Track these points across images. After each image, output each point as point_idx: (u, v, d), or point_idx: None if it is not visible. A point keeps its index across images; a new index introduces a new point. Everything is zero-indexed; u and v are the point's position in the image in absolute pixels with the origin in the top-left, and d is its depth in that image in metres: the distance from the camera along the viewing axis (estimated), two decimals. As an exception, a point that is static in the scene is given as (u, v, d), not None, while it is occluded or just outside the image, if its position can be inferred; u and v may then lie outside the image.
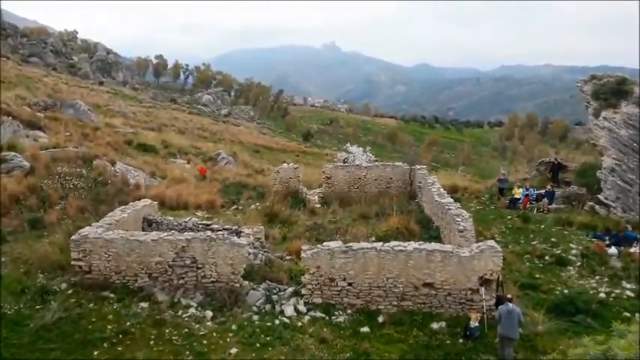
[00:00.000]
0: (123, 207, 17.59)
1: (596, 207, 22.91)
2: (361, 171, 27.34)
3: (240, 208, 24.37)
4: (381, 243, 14.02)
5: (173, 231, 15.49)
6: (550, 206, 23.54)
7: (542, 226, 20.67)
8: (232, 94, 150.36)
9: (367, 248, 13.45)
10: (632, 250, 17.62)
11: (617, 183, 22.86)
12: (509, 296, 12.14)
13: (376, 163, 32.01)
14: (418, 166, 26.86)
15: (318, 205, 25.16)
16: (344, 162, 35.55)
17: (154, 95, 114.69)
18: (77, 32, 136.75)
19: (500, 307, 11.83)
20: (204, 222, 18.17)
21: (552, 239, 18.98)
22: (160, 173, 30.26)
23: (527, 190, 24.59)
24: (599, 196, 23.11)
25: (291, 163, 29.56)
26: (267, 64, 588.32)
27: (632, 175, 22.98)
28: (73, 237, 14.25)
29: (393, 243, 13.87)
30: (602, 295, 14.69)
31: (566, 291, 14.86)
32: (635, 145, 23.86)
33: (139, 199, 19.31)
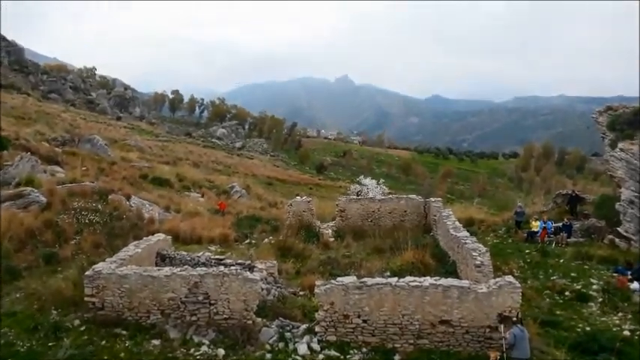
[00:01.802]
0: (137, 242, 17.62)
1: (617, 240, 22.36)
2: (375, 204, 27.17)
3: (253, 242, 24.30)
4: (396, 278, 13.74)
5: (186, 266, 15.41)
6: (569, 239, 23.05)
7: (562, 261, 20.18)
8: (246, 127, 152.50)
9: (382, 284, 13.20)
10: (656, 285, 17.04)
11: (636, 215, 22.34)
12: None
13: (390, 195, 31.87)
14: (433, 199, 26.62)
15: (332, 239, 24.97)
16: (357, 194, 35.47)
17: (170, 129, 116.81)
18: (96, 69, 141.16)
19: (513, 330, 11.57)
20: (217, 257, 18.09)
21: (572, 274, 18.48)
22: (174, 207, 30.47)
23: (544, 223, 24.15)
24: (618, 229, 22.58)
25: (305, 196, 29.56)
26: (281, 96, 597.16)
27: (652, 208, 22.50)
28: (86, 273, 14.26)
29: (408, 278, 13.59)
30: (626, 332, 14.13)
31: (588, 328, 14.35)
32: (653, 176, 23.46)
33: (153, 234, 19.35)
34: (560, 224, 24.15)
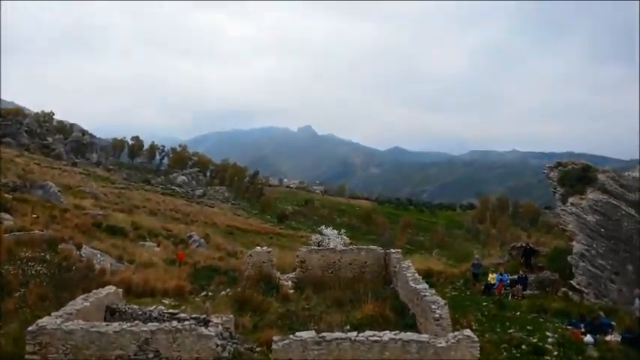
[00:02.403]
0: (86, 295, 16.77)
1: (570, 293, 22.93)
2: (336, 254, 27.01)
3: (209, 294, 23.53)
4: (355, 332, 13.55)
5: (137, 321, 14.70)
6: (524, 292, 23.46)
7: (518, 313, 20.43)
8: (208, 174, 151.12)
9: (341, 339, 12.96)
10: (608, 338, 17.42)
11: (587, 268, 23.10)
12: None
13: (351, 246, 31.84)
14: (393, 250, 26.74)
15: (292, 291, 24.49)
16: (318, 245, 35.28)
17: (128, 176, 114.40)
18: (54, 113, 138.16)
19: None
20: (170, 311, 17.36)
21: (528, 327, 18.68)
22: (127, 257, 29.36)
23: (501, 275, 24.56)
24: (571, 281, 23.22)
25: (265, 246, 29.15)
26: (245, 145, 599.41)
27: (601, 261, 23.33)
28: (29, 328, 13.38)
29: (367, 333, 13.42)
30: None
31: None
32: (602, 230, 24.48)
33: (104, 286, 18.49)
34: (515, 277, 24.61)
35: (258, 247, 28.11)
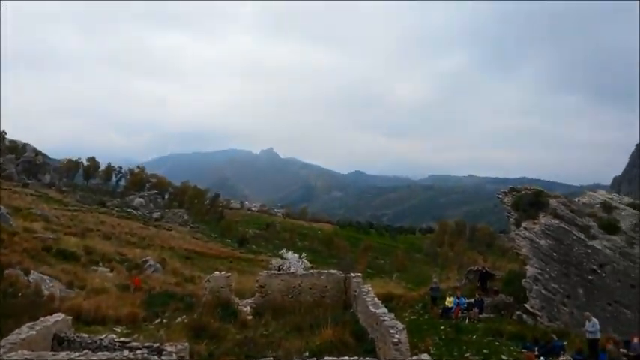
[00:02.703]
0: (32, 322, 15.90)
1: (524, 316, 23.47)
2: (296, 279, 26.77)
3: (164, 321, 22.77)
4: (314, 359, 13.37)
5: (86, 350, 14.03)
6: (480, 315, 23.85)
7: (474, 337, 20.70)
8: (166, 197, 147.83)
9: (299, 366, 12.75)
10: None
11: (541, 292, 23.77)
12: None
13: (311, 270, 31.65)
14: (353, 274, 26.74)
15: (250, 317, 24.06)
16: (279, 269, 34.91)
17: (82, 198, 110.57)
18: (6, 132, 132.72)
19: None
20: (122, 339, 16.66)
21: (484, 350, 18.94)
22: (78, 283, 28.19)
23: (458, 299, 24.93)
24: (525, 305, 23.79)
25: (224, 271, 28.59)
26: (206, 168, 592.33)
27: (554, 284, 24.08)
28: (-35, 360, 12.54)
29: (326, 359, 13.27)
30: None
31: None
32: (554, 254, 25.33)
33: (52, 313, 17.62)
34: (472, 300, 25.03)
35: (216, 272, 27.55)
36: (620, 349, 18.82)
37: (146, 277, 35.04)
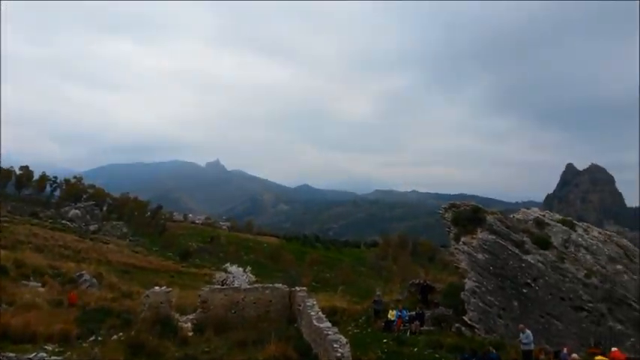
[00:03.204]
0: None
1: (462, 328, 24.18)
2: (239, 293, 26.33)
3: (99, 338, 21.68)
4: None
5: (10, 372, 13.12)
6: (422, 328, 24.36)
7: (415, 349, 21.10)
8: (104, 208, 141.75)
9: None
10: (497, 371, 18.48)
11: (478, 304, 24.61)
12: None
13: (256, 285, 31.27)
14: (298, 288, 26.67)
15: (191, 333, 23.38)
16: (222, 283, 34.32)
17: (13, 209, 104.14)
18: None
19: None
20: (53, 358, 15.76)
21: (425, 363, 19.34)
22: (7, 299, 26.32)
23: (400, 312, 25.36)
24: (464, 317, 24.53)
25: (164, 286, 27.68)
26: (147, 179, 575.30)
27: (491, 297, 25.01)
28: None
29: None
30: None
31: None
32: (491, 268, 26.37)
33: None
34: (413, 313, 25.55)
35: (156, 287, 26.64)
36: None
37: (81, 293, 33.26)
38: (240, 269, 39.36)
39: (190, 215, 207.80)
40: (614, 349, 20.38)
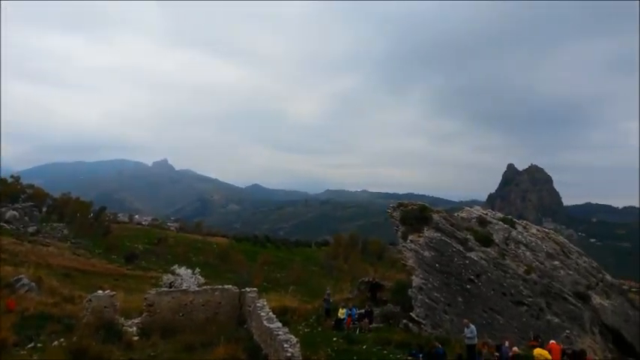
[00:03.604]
0: None
1: (410, 324, 24.79)
2: (188, 296, 25.85)
3: (39, 345, 20.69)
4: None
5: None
6: (371, 325, 24.76)
7: (365, 347, 21.43)
8: (44, 209, 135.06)
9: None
10: (443, 365, 19.05)
11: (425, 301, 25.30)
12: None
13: (205, 286, 30.76)
14: (248, 289, 26.48)
15: (137, 337, 22.72)
16: (170, 286, 33.51)
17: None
18: None
19: None
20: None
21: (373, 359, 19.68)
22: None
23: (350, 310, 25.67)
24: (411, 314, 25.15)
25: (108, 290, 26.73)
26: (91, 179, 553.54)
27: (437, 294, 25.76)
28: None
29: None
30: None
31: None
32: (437, 265, 27.16)
33: None
34: (363, 311, 25.93)
35: (99, 291, 25.71)
36: (495, 353, 20.53)
37: (19, 298, 31.54)
38: (189, 271, 38.49)
39: (136, 216, 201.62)
40: (551, 341, 21.50)
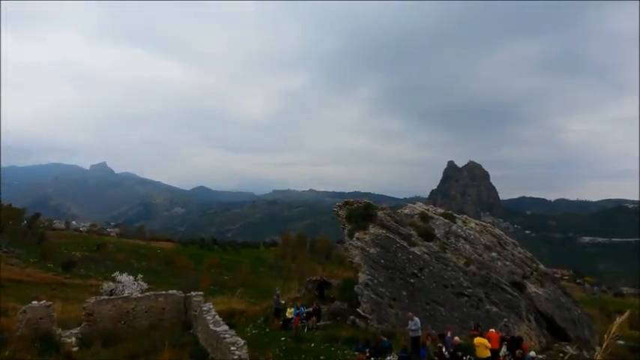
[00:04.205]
0: None
1: (357, 320, 25.17)
2: (130, 303, 25.06)
3: (-33, 363, 19.41)
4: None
5: None
6: (318, 323, 24.96)
7: (313, 345, 21.58)
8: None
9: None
10: (388, 359, 19.50)
11: (371, 296, 25.76)
12: None
13: (148, 292, 29.90)
14: (194, 293, 26.00)
15: (76, 348, 21.77)
16: (111, 293, 32.36)
17: None
18: None
19: None
20: None
21: (321, 357, 19.86)
22: None
23: (298, 309, 25.76)
24: (358, 309, 25.54)
25: (44, 300, 25.41)
26: (23, 184, 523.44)
27: (382, 289, 26.29)
28: None
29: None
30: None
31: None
32: (382, 261, 27.70)
33: None
34: (310, 309, 26.08)
35: (35, 302, 24.38)
36: (438, 345, 21.22)
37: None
38: (131, 277, 37.34)
39: (74, 222, 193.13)
40: (490, 330, 22.48)
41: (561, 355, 23.87)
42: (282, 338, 22.80)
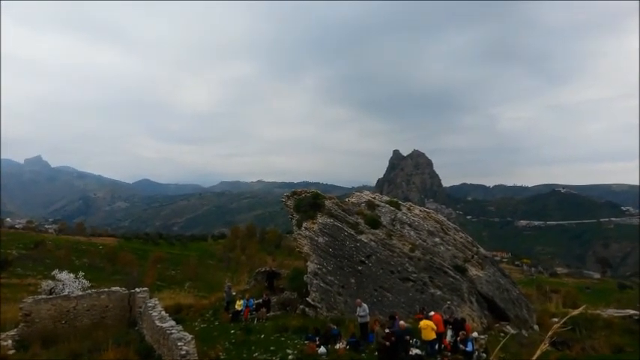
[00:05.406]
0: None
1: (306, 309, 25.38)
2: (70, 302, 24.08)
3: None
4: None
5: None
6: (268, 314, 24.98)
7: (262, 336, 21.58)
8: None
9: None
10: (337, 346, 19.81)
11: (320, 285, 26.01)
12: None
13: (89, 290, 28.82)
14: (139, 289, 25.31)
15: (13, 351, 20.73)
16: (50, 292, 30.90)
17: None
18: None
19: None
20: None
21: (272, 347, 19.89)
22: None
23: (247, 301, 25.65)
24: (307, 299, 25.75)
25: (-25, 303, 24.02)
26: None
27: (331, 277, 26.60)
28: None
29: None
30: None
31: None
32: (330, 250, 27.99)
33: None
34: (260, 300, 26.05)
35: (-36, 305, 22.99)
36: (386, 330, 21.71)
37: None
38: (72, 275, 35.77)
39: (8, 219, 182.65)
40: (432, 313, 23.26)
41: (502, 334, 25.07)
42: (232, 331, 22.65)
